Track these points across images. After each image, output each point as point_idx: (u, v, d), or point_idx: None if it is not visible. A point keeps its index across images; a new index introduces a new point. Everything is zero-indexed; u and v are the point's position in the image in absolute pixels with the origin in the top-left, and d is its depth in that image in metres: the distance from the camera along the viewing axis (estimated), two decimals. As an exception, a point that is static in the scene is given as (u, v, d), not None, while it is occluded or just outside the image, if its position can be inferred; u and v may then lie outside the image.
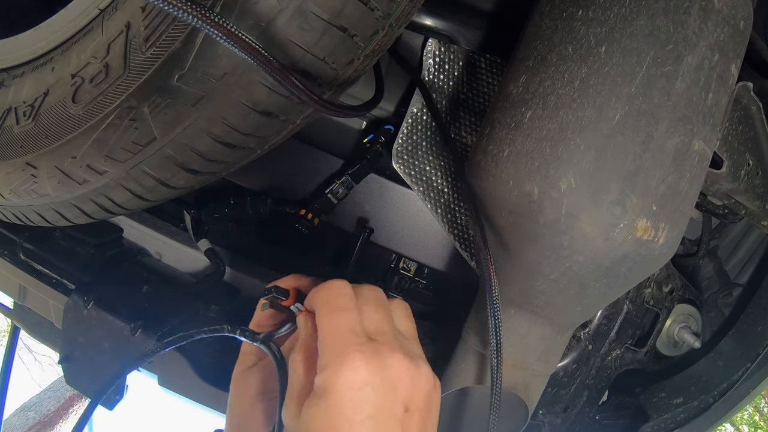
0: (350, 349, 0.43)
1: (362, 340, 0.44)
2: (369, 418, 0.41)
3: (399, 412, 0.43)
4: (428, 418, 0.45)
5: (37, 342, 1.13)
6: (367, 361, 0.42)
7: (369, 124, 0.88)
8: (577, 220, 0.50)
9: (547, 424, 0.83)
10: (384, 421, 0.41)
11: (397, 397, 0.43)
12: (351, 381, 0.41)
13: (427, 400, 0.45)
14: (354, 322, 0.45)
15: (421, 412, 0.44)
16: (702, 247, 0.93)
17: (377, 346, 0.44)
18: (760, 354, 0.81)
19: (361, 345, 0.43)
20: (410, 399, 0.44)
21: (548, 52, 0.54)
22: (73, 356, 0.81)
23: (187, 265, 0.92)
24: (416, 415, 0.44)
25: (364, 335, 0.45)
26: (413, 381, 0.44)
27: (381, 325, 0.47)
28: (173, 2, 0.35)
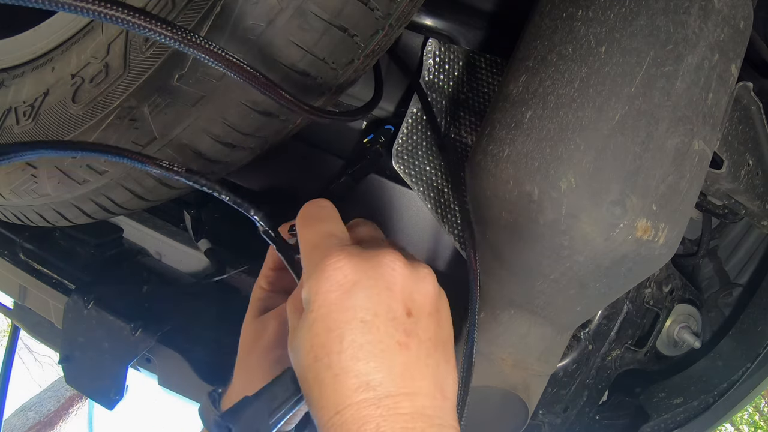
0: (331, 250, 0.37)
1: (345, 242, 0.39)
2: (362, 323, 0.34)
3: (400, 315, 0.36)
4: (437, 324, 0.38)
5: (37, 342, 1.13)
6: (351, 259, 0.36)
7: (369, 124, 0.88)
8: (577, 220, 0.50)
9: (547, 424, 0.83)
10: (382, 325, 0.35)
11: (394, 297, 0.36)
12: (334, 283, 0.35)
13: (431, 303, 0.38)
14: (334, 228, 0.40)
15: (427, 316, 0.37)
16: (702, 247, 0.93)
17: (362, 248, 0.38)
18: (760, 354, 0.81)
19: (343, 244, 0.38)
20: (411, 300, 0.37)
21: (548, 52, 0.54)
22: (73, 356, 0.81)
23: (187, 265, 0.92)
24: (422, 319, 0.37)
25: (347, 239, 0.39)
26: (411, 279, 0.37)
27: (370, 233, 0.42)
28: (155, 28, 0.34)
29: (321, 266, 0.36)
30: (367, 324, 0.34)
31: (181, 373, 0.82)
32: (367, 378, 0.34)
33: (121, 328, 0.76)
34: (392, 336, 0.35)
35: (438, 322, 0.39)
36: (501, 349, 0.62)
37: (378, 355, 0.34)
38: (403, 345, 0.35)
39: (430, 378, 0.36)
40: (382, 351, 0.34)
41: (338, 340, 0.34)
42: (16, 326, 1.16)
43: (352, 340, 0.34)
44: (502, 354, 0.62)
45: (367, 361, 0.34)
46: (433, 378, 0.36)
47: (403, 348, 0.35)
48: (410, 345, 0.35)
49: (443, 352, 0.38)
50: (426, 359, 0.36)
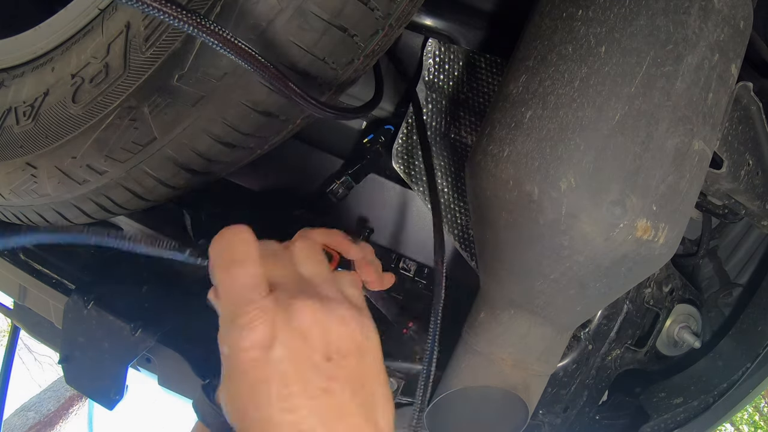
0: (245, 309, 0.37)
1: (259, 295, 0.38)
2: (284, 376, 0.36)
3: (319, 361, 0.37)
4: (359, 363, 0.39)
5: (37, 342, 1.13)
6: (264, 317, 0.37)
7: (369, 124, 0.88)
8: (577, 220, 0.50)
9: (547, 424, 0.83)
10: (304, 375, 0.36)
11: (310, 346, 0.37)
12: (251, 342, 0.36)
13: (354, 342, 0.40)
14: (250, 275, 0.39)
15: (349, 357, 0.39)
16: (702, 247, 0.93)
17: (277, 296, 0.38)
18: (760, 354, 0.81)
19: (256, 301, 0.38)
20: (328, 345, 0.38)
21: (548, 52, 0.54)
22: (73, 356, 0.81)
23: (187, 265, 0.92)
24: (343, 361, 0.38)
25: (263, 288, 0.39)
26: (327, 325, 0.38)
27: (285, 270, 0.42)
28: (168, 11, 0.35)
29: (237, 324, 0.37)
30: (290, 376, 0.36)
31: (181, 373, 0.82)
32: (299, 426, 0.35)
33: (121, 328, 0.76)
34: (316, 384, 0.37)
35: (360, 359, 0.40)
36: (501, 349, 0.62)
37: (306, 404, 0.36)
38: (327, 390, 0.37)
39: (360, 415, 0.38)
40: (308, 399, 0.36)
41: (265, 394, 0.36)
42: (16, 326, 1.16)
43: (278, 392, 0.36)
44: (502, 354, 0.62)
45: (297, 411, 0.36)
46: (363, 414, 0.38)
47: (328, 393, 0.37)
48: (334, 389, 0.37)
49: (371, 385, 0.40)
50: (353, 398, 0.38)
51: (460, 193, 0.80)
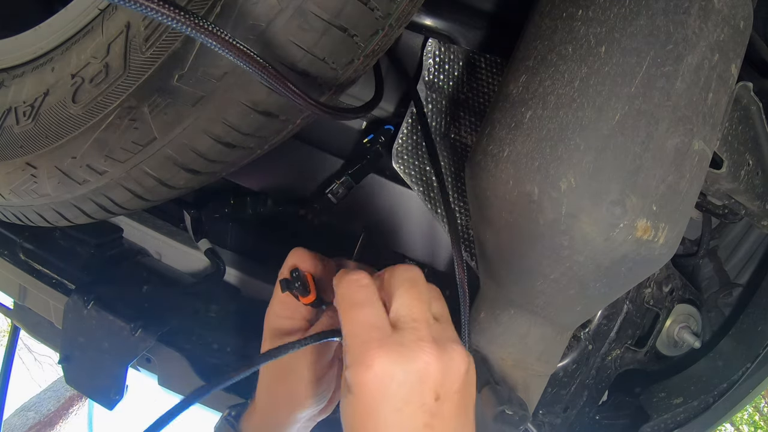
0: (370, 346, 0.42)
1: (383, 334, 0.43)
2: (395, 412, 0.41)
3: (429, 401, 0.42)
4: (463, 399, 0.45)
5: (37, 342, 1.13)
6: (389, 357, 0.42)
7: (369, 124, 0.88)
8: (577, 220, 0.50)
9: (547, 424, 0.83)
10: (412, 412, 0.41)
11: (426, 388, 0.42)
12: (373, 378, 0.41)
13: (461, 382, 0.44)
14: (373, 316, 0.45)
15: (454, 395, 0.44)
16: (702, 247, 0.92)
17: (401, 338, 0.43)
18: (760, 354, 0.81)
19: (381, 340, 0.43)
20: (441, 386, 0.43)
21: (548, 52, 0.54)
22: (73, 356, 0.81)
23: (187, 265, 0.92)
24: (448, 400, 0.43)
25: (386, 327, 0.44)
26: (443, 368, 0.43)
27: (411, 311, 0.46)
28: (167, 12, 0.35)
29: (362, 359, 0.42)
30: (399, 412, 0.41)
31: (181, 373, 0.82)
32: None
33: (121, 328, 0.76)
34: (420, 420, 0.42)
35: (463, 395, 0.45)
36: (501, 349, 0.62)
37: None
38: (428, 425, 0.42)
39: None
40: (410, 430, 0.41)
41: (374, 423, 0.41)
42: (16, 326, 1.16)
43: (384, 424, 0.41)
44: (502, 354, 0.62)
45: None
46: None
47: (427, 427, 0.42)
48: (435, 424, 0.42)
49: (465, 417, 0.45)
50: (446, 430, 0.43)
51: (460, 193, 0.80)
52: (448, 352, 0.44)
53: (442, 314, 0.50)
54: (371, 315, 0.45)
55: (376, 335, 0.43)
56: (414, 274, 0.48)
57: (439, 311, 0.49)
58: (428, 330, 0.45)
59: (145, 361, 0.84)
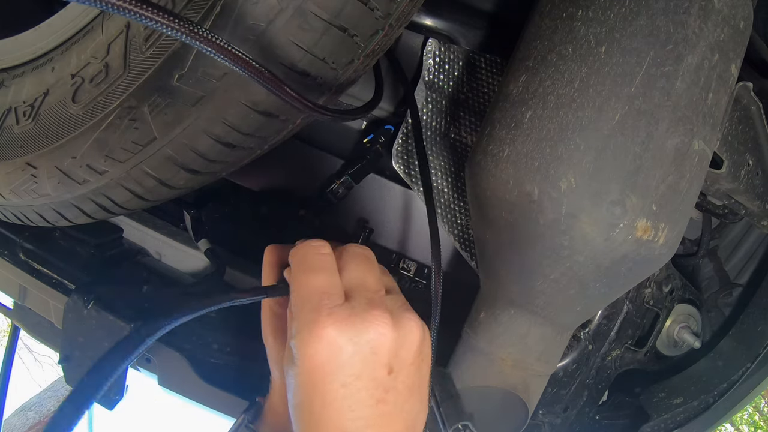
0: (320, 314, 0.39)
1: (335, 302, 0.40)
2: (344, 386, 0.38)
3: (381, 374, 0.39)
4: (418, 371, 0.42)
5: (37, 342, 1.13)
6: (339, 326, 0.39)
7: (369, 124, 0.88)
8: (577, 220, 0.50)
9: (547, 424, 0.83)
10: (362, 387, 0.39)
11: (378, 360, 0.40)
12: (321, 349, 0.38)
13: (415, 354, 0.42)
14: (327, 283, 0.42)
15: (409, 367, 0.41)
16: (702, 247, 0.93)
17: (353, 307, 0.40)
18: (760, 354, 0.81)
19: (333, 308, 0.40)
20: (395, 357, 0.40)
21: (548, 52, 0.54)
22: (73, 356, 0.81)
23: (187, 265, 0.92)
24: (402, 372, 0.41)
25: (339, 296, 0.41)
26: (397, 339, 0.41)
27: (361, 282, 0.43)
28: (161, 20, 0.35)
29: (309, 327, 0.39)
30: (348, 386, 0.38)
31: (181, 373, 0.82)
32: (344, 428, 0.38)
33: (121, 328, 0.76)
34: (371, 395, 0.39)
35: (418, 368, 0.42)
36: (501, 349, 0.62)
37: (356, 411, 0.38)
38: (381, 400, 0.39)
39: (402, 422, 0.40)
40: (360, 407, 0.38)
41: (320, 397, 0.38)
42: (16, 326, 1.16)
43: (333, 398, 0.38)
44: (502, 354, 0.62)
45: (345, 416, 0.38)
46: (405, 421, 0.41)
47: (380, 402, 0.39)
48: (388, 399, 0.39)
49: (418, 393, 0.42)
50: (402, 406, 0.40)
51: (460, 193, 0.80)
52: (403, 323, 0.41)
53: (393, 287, 0.47)
54: (325, 281, 0.42)
55: (327, 302, 0.40)
56: (366, 251, 0.47)
57: (389, 285, 0.47)
58: (381, 300, 0.42)
59: (145, 361, 0.84)
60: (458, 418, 0.53)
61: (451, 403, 0.56)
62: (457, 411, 0.55)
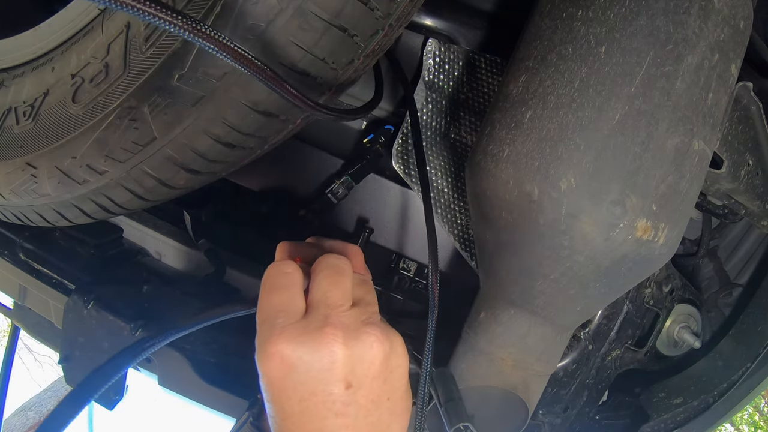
0: (272, 332, 0.40)
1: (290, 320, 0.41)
2: (299, 402, 0.39)
3: (338, 390, 0.40)
4: (384, 384, 0.42)
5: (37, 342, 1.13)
6: (289, 344, 0.39)
7: (369, 124, 0.88)
8: (577, 220, 0.50)
9: (547, 424, 0.83)
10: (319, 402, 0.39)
11: (333, 376, 0.40)
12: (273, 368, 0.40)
13: (378, 369, 0.42)
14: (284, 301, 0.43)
15: (372, 382, 0.41)
16: (702, 247, 0.93)
17: (307, 324, 0.41)
18: (760, 354, 0.81)
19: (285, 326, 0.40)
20: (352, 373, 0.41)
21: (548, 52, 0.54)
22: (73, 356, 0.81)
23: (187, 265, 0.92)
24: (364, 387, 0.41)
25: (295, 313, 0.42)
26: (351, 355, 0.41)
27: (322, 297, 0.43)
28: (164, 16, 0.35)
29: (263, 346, 0.40)
30: (305, 401, 0.39)
31: (181, 373, 0.82)
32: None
33: (121, 328, 0.76)
34: (329, 409, 0.40)
35: (384, 381, 0.42)
36: (501, 349, 0.62)
37: (317, 423, 0.40)
38: (340, 414, 0.40)
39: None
40: (320, 420, 0.40)
41: (281, 410, 0.40)
42: (16, 326, 1.16)
43: (291, 413, 0.40)
44: (502, 354, 0.62)
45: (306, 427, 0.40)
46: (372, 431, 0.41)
47: (339, 416, 0.40)
48: (348, 413, 0.40)
49: (388, 405, 0.43)
50: (366, 418, 0.41)
51: (460, 193, 0.80)
52: (360, 338, 0.41)
53: (363, 299, 0.47)
54: (283, 299, 0.43)
55: (281, 320, 0.41)
56: (337, 261, 0.46)
57: (361, 296, 0.47)
58: (339, 316, 0.42)
59: (146, 361, 0.84)
60: (459, 419, 0.53)
61: (452, 404, 0.56)
62: (458, 412, 0.55)
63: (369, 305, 0.47)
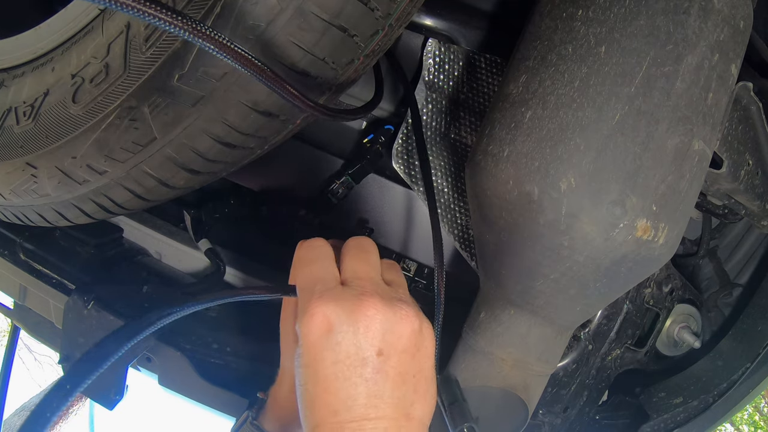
0: (312, 296, 0.43)
1: (328, 287, 0.44)
2: (333, 364, 0.41)
3: (370, 355, 0.42)
4: (412, 360, 0.44)
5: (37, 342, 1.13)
6: (329, 306, 0.42)
7: (369, 124, 0.88)
8: (577, 220, 0.50)
9: (547, 424, 0.83)
10: (352, 364, 0.41)
11: (367, 340, 0.42)
12: (313, 328, 0.42)
13: (407, 342, 0.44)
14: (322, 271, 0.46)
15: (401, 354, 0.43)
16: (702, 247, 0.93)
17: (344, 291, 0.44)
18: (760, 354, 0.81)
19: (323, 292, 0.43)
20: (383, 341, 0.42)
21: (548, 52, 0.54)
22: (73, 356, 0.81)
23: (187, 265, 0.92)
24: (393, 357, 0.43)
25: (333, 281, 0.45)
26: (386, 323, 0.43)
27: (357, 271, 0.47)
28: (164, 17, 0.35)
29: (304, 310, 0.42)
30: (339, 364, 0.41)
31: (182, 372, 0.82)
32: (335, 406, 0.41)
33: (121, 328, 0.76)
34: (360, 374, 0.41)
35: (412, 357, 0.44)
36: (501, 349, 0.62)
37: (346, 389, 0.41)
38: (369, 380, 0.41)
39: (393, 406, 0.42)
40: (350, 386, 0.41)
41: (314, 374, 0.42)
42: (16, 326, 1.16)
43: (324, 375, 0.41)
44: (502, 354, 0.62)
45: (336, 393, 0.41)
46: (396, 406, 0.42)
47: (369, 383, 0.41)
48: (377, 380, 0.41)
49: (413, 383, 0.44)
50: (392, 391, 0.42)
51: (460, 193, 0.80)
52: (394, 309, 0.44)
53: (394, 281, 0.50)
54: (318, 269, 0.46)
55: (320, 287, 0.44)
56: (364, 242, 0.50)
57: (392, 278, 0.50)
58: (373, 287, 0.45)
59: (146, 361, 0.84)
60: (464, 420, 0.54)
61: (456, 406, 0.57)
62: (462, 414, 0.56)
63: (399, 286, 0.49)
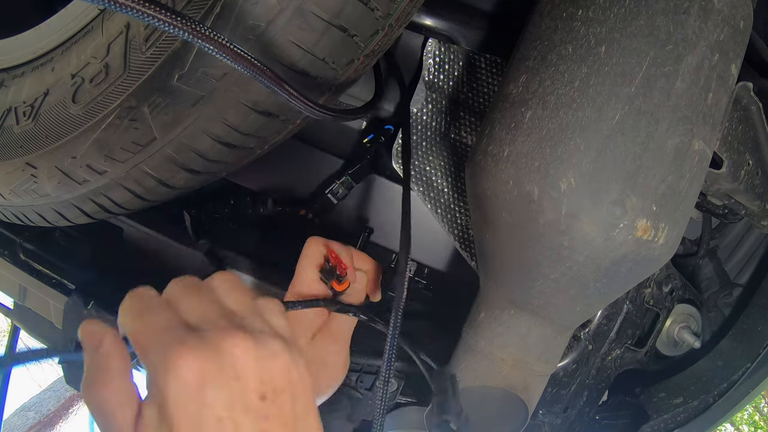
0: (170, 348, 0.34)
1: (182, 333, 0.36)
2: (219, 421, 0.34)
3: (254, 401, 0.35)
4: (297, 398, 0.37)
5: (37, 342, 1.13)
6: (195, 356, 0.34)
7: (369, 124, 0.88)
8: (577, 220, 0.50)
9: (547, 424, 0.83)
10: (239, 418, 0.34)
11: (246, 386, 0.35)
12: (183, 383, 0.34)
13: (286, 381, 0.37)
14: (163, 319, 0.37)
15: (282, 395, 0.36)
16: (702, 247, 0.93)
17: (202, 334, 0.36)
18: (760, 354, 0.81)
19: (181, 337, 0.35)
20: (263, 383, 0.36)
21: (548, 52, 0.54)
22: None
23: (187, 265, 0.92)
24: (279, 398, 0.36)
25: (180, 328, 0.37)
26: (260, 361, 0.36)
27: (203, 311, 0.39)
28: (164, 18, 0.35)
29: (165, 366, 0.34)
30: (224, 420, 0.34)
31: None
32: None
33: (121, 328, 0.76)
34: (254, 425, 0.34)
35: (292, 394, 0.37)
36: (501, 349, 0.62)
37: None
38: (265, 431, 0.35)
39: None
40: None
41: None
42: (16, 326, 1.16)
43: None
44: (502, 354, 0.62)
45: None
46: None
47: None
48: (272, 428, 0.35)
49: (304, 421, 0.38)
50: None
51: (460, 193, 0.80)
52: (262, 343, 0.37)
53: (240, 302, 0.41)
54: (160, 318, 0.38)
55: (171, 335, 0.36)
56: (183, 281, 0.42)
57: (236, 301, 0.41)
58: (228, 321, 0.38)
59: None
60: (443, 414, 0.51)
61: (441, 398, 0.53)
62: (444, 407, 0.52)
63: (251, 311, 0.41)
